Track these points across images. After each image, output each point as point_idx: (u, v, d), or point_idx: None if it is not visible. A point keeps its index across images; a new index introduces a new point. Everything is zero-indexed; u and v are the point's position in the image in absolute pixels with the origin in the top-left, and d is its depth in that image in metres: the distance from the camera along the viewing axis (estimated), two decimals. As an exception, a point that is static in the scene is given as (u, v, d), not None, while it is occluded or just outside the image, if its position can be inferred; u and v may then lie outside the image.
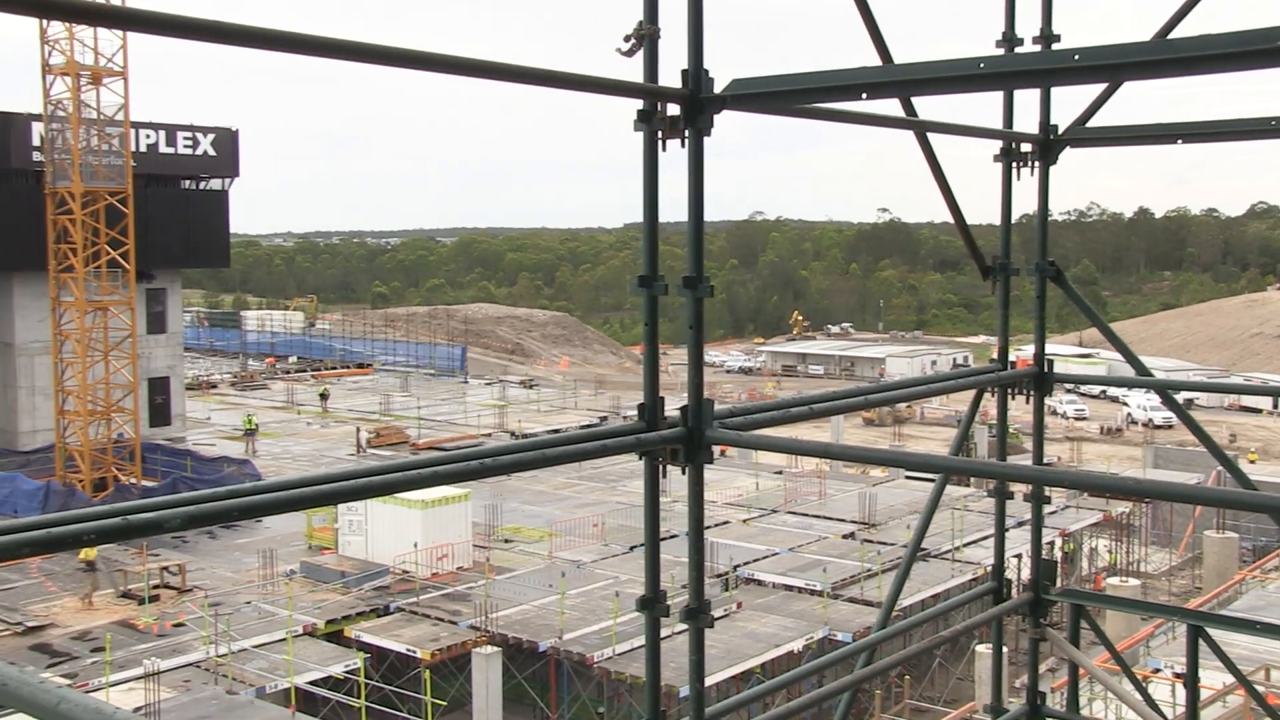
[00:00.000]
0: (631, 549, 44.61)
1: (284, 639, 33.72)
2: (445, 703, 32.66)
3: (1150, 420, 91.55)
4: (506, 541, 45.88)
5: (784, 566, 42.79)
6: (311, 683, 32.72)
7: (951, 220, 8.89)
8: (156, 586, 38.60)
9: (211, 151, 67.43)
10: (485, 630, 35.62)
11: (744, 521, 49.34)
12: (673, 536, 28.72)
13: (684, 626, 6.44)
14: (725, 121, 6.23)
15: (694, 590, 6.38)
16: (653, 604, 6.22)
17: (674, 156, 6.17)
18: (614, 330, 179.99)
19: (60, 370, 52.97)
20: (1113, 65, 5.27)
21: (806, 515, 50.70)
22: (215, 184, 68.97)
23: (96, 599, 38.57)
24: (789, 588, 40.84)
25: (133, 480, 51.57)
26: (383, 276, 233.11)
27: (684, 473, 6.18)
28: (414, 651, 34.62)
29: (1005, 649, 10.36)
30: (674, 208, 6.26)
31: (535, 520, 48.93)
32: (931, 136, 8.21)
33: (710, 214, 6.51)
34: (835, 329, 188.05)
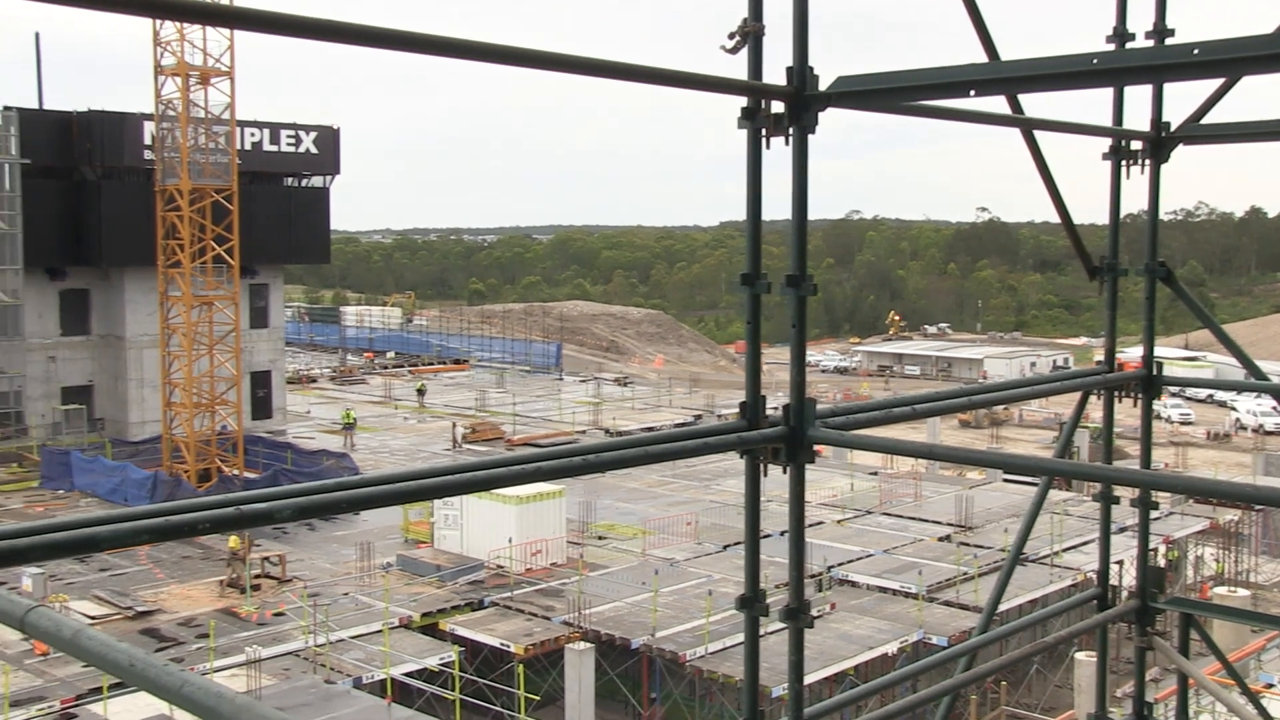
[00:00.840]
0: (725, 548, 44.55)
1: (380, 631, 34.20)
2: (538, 697, 32.88)
3: (1261, 426, 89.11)
4: (600, 538, 46.05)
5: (878, 568, 42.42)
6: (407, 674, 33.16)
7: (1056, 219, 8.73)
8: (258, 576, 39.38)
9: (313, 149, 68.61)
10: (578, 626, 35.80)
11: (838, 522, 49.00)
12: (766, 536, 28.59)
13: (776, 626, 6.41)
14: (820, 120, 6.18)
15: (794, 590, 6.34)
16: (752, 603, 6.20)
17: (772, 155, 6.14)
18: (708, 329, 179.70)
19: (167, 363, 54.30)
20: (1233, 60, 5.13)
21: (901, 517, 50.19)
22: (317, 181, 70.20)
23: (199, 588, 39.48)
24: (883, 589, 40.48)
25: (235, 472, 52.69)
26: (479, 273, 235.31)
27: (785, 472, 6.14)
28: (508, 646, 34.91)
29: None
30: (771, 206, 6.24)
31: (629, 518, 49.06)
32: (1038, 134, 8.07)
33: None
34: (932, 329, 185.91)
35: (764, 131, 6.03)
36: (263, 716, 2.45)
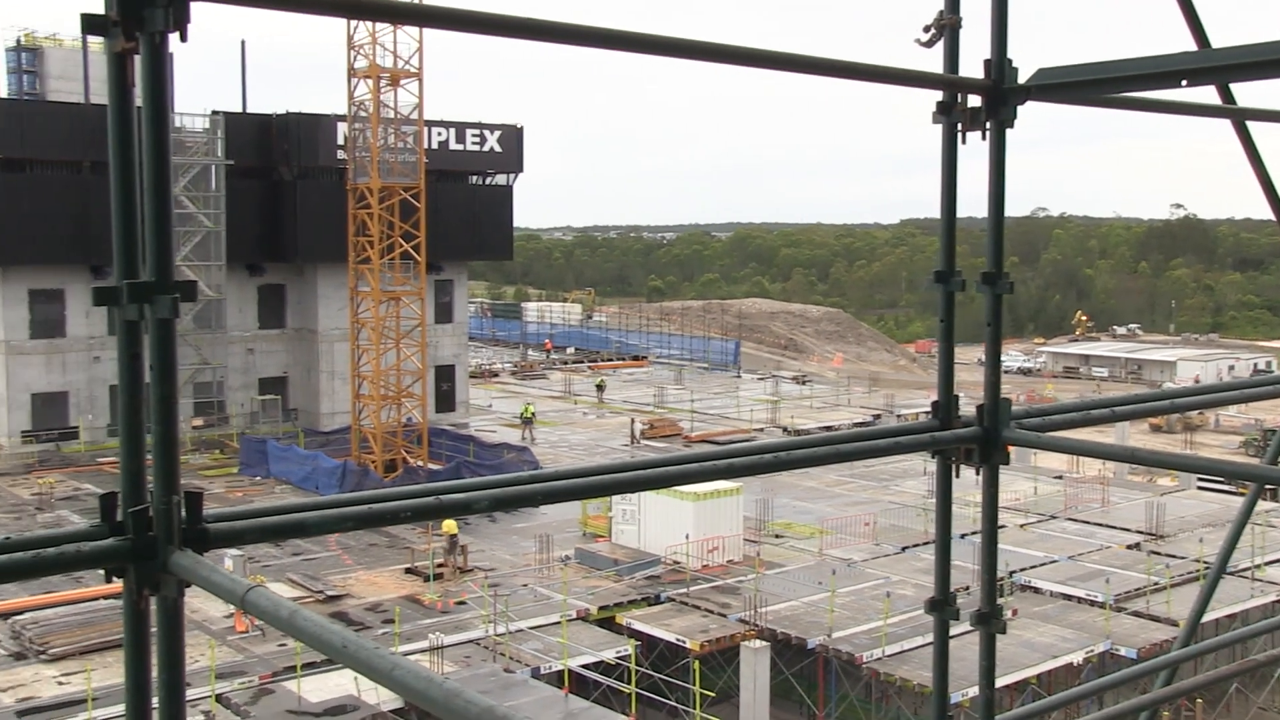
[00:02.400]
0: (903, 550, 43.88)
1: (559, 622, 34.71)
2: (713, 694, 32.91)
3: None
4: (777, 537, 45.85)
5: (1063, 575, 41.18)
6: (584, 666, 33.57)
7: (1258, 216, 8.32)
8: (440, 565, 40.40)
9: (497, 148, 70.00)
10: (754, 624, 35.71)
11: (1021, 527, 47.75)
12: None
13: (957, 630, 6.27)
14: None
15: (986, 594, 6.20)
16: (942, 606, 6.08)
17: (966, 150, 6.00)
18: (888, 327, 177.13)
19: (356, 356, 56.12)
20: None
21: (1088, 523, 48.63)
22: (500, 179, 71.58)
23: (385, 574, 40.70)
24: (1068, 597, 39.29)
25: (419, 463, 54.14)
26: (658, 270, 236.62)
27: (978, 474, 6.01)
28: (683, 641, 35.04)
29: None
30: (960, 203, 6.10)
31: (806, 517, 48.72)
32: (1251, 126, 7.71)
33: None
34: (1121, 330, 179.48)
35: (960, 126, 5.90)
36: (471, 702, 2.50)
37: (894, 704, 35.02)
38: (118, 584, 3.40)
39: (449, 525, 40.39)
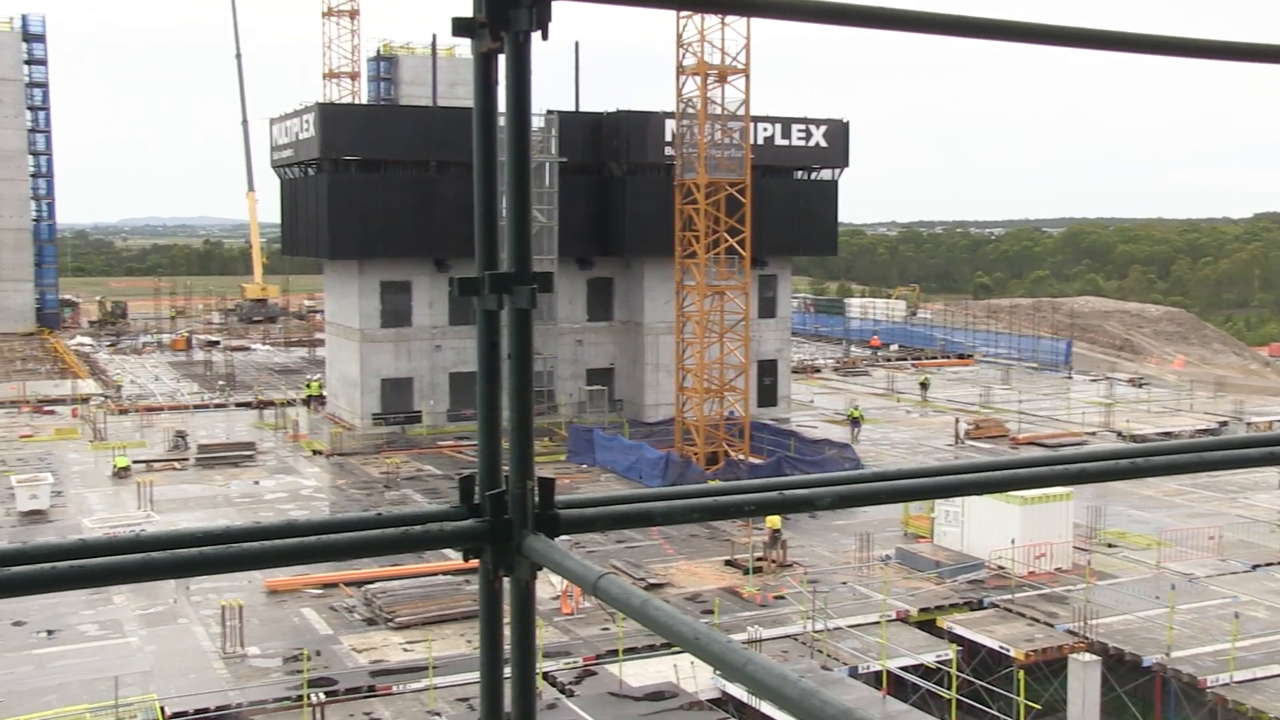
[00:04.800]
0: (1254, 568, 40.94)
1: (878, 622, 34.25)
2: (1038, 706, 31.67)
3: None
4: (1110, 546, 43.65)
5: None
6: (902, 668, 32.99)
7: None
8: (760, 559, 40.60)
9: (823, 143, 69.69)
10: (1084, 636, 34.13)
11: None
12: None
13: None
14: None
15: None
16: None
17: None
18: (1237, 329, 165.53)
19: (681, 349, 57.15)
20: None
21: None
22: (825, 174, 71.21)
23: (705, 565, 41.27)
24: None
25: (741, 456, 54.60)
26: (985, 267, 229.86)
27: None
28: (1007, 650, 33.88)
29: None
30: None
31: (1142, 526, 46.15)
32: None
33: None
34: None
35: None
36: (827, 703, 2.44)
37: (1240, 732, 32.67)
38: (456, 561, 3.53)
39: (771, 519, 40.55)
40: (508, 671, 3.97)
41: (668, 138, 63.58)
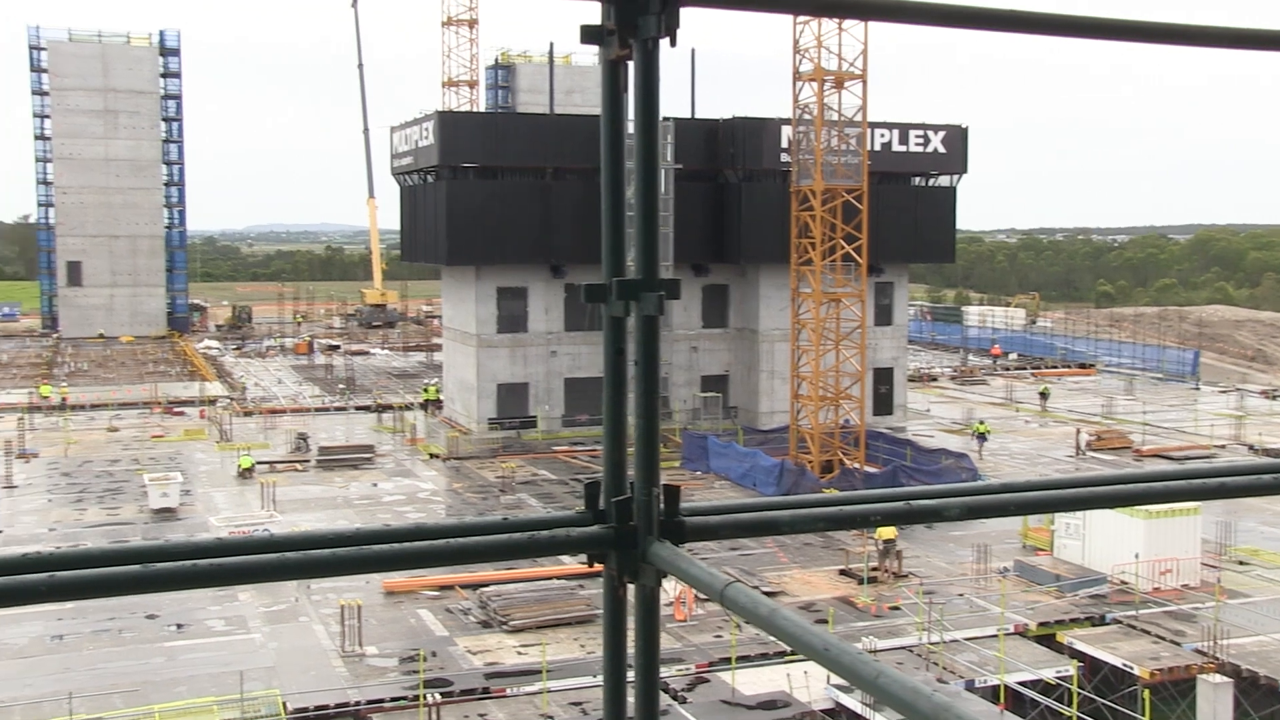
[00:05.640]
0: (1393, 588, 39.32)
1: (995, 636, 33.63)
2: (1164, 726, 30.82)
3: None
4: (1241, 564, 42.28)
5: None
6: (1021, 683, 32.32)
7: None
8: (875, 568, 40.15)
9: (941, 149, 68.82)
10: (1213, 657, 33.10)
11: None
12: None
13: None
14: None
15: None
16: None
17: None
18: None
19: (796, 357, 56.84)
20: None
21: None
22: (943, 181, 70.31)
23: (819, 574, 40.94)
24: None
25: (856, 465, 54.08)
26: (1108, 275, 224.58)
27: None
28: (1131, 668, 33.02)
29: None
30: None
31: (1277, 544, 44.63)
32: None
33: None
34: None
35: None
36: (962, 716, 2.40)
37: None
38: (571, 566, 3.53)
39: (884, 529, 40.09)
40: (629, 676, 3.97)
41: (783, 144, 63.36)
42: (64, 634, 34.85)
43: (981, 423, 65.31)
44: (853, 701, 30.15)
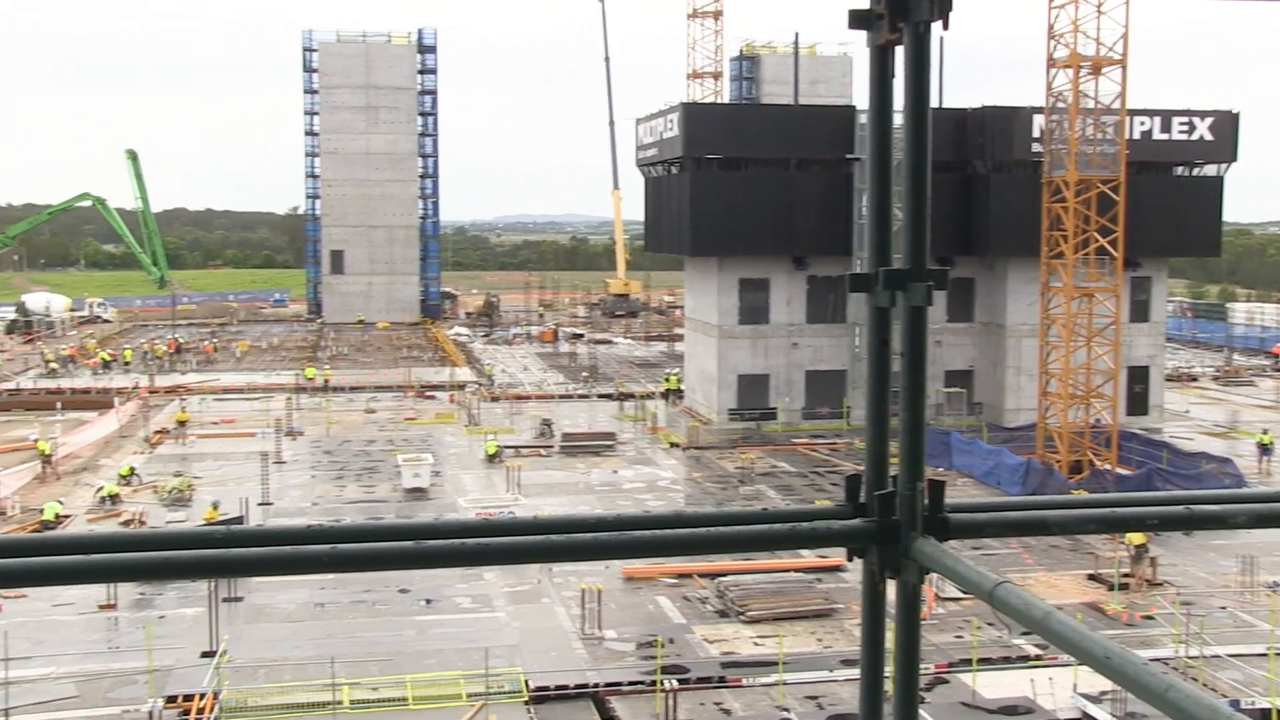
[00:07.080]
0: None
1: (1264, 654, 31.72)
2: None
3: None
4: None
5: None
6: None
7: None
8: (1126, 575, 38.47)
9: (1208, 136, 65.36)
10: None
11: None
12: None
13: None
14: None
15: None
16: None
17: None
18: None
19: (1045, 353, 54.93)
20: None
21: None
22: (1209, 170, 66.74)
23: (1066, 578, 39.49)
24: None
25: (1107, 466, 51.92)
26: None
27: None
28: None
29: None
30: None
31: None
32: None
33: None
34: None
35: None
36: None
37: None
38: (808, 559, 3.46)
39: (1133, 534, 38.36)
40: (886, 671, 3.90)
41: (1035, 134, 61.29)
42: (325, 603, 36.77)
43: (1265, 432, 59.36)
44: (1101, 713, 28.97)
